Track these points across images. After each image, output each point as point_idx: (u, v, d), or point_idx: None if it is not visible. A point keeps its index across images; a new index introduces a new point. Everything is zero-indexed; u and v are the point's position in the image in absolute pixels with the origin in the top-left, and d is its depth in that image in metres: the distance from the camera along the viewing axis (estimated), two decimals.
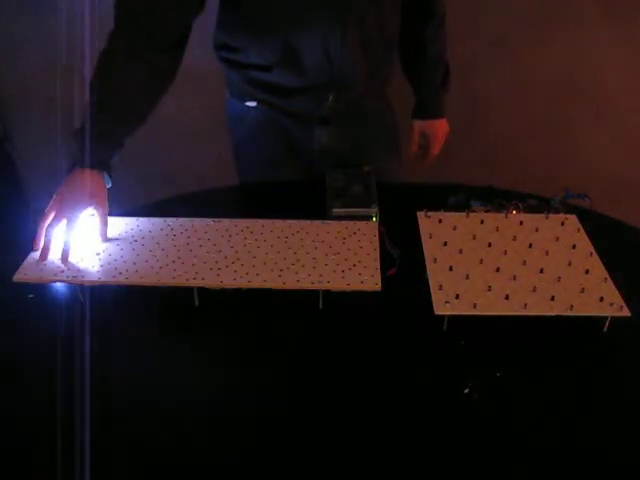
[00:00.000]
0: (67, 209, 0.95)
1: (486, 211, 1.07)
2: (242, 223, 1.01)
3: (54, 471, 0.70)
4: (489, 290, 0.87)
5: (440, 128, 1.37)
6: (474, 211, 1.07)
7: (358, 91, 1.18)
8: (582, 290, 0.87)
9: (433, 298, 0.86)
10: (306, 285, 0.88)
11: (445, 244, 0.97)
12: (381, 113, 1.30)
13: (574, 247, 0.97)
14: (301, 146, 1.24)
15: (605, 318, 0.85)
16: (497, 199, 1.10)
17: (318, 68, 1.11)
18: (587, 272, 0.91)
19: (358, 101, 1.21)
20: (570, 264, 0.93)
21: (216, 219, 1.02)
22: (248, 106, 1.22)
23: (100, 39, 1.84)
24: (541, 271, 0.91)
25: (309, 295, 0.89)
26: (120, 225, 1.01)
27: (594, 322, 0.86)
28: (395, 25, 1.18)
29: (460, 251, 0.95)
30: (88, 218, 0.98)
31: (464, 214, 1.04)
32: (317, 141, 1.23)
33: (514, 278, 0.89)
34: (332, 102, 1.16)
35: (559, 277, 0.90)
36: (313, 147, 1.23)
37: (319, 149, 1.23)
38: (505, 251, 0.95)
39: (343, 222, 1.02)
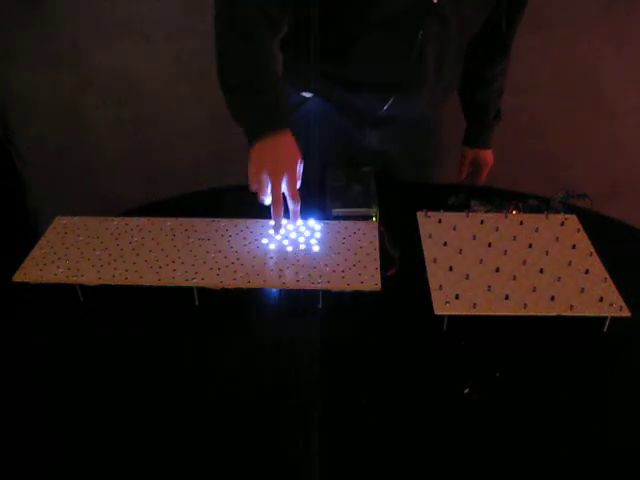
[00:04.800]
0: (286, 165, 0.93)
1: (486, 211, 1.07)
2: (242, 223, 1.01)
3: (55, 468, 0.70)
4: (489, 290, 0.87)
5: (490, 157, 1.42)
6: (474, 211, 1.07)
7: (419, 99, 1.17)
8: (582, 290, 0.87)
9: (433, 298, 0.86)
10: (306, 285, 0.88)
11: (445, 244, 0.97)
12: (431, 126, 1.31)
13: (574, 247, 0.97)
14: (349, 145, 1.23)
15: (605, 318, 0.85)
16: (497, 199, 1.10)
17: (394, 66, 1.10)
18: (587, 272, 0.91)
19: (415, 111, 1.20)
20: (570, 264, 0.93)
21: (216, 219, 1.02)
22: (304, 96, 1.21)
23: (99, 39, 1.84)
24: (541, 271, 0.91)
25: (309, 295, 0.89)
26: (120, 225, 1.01)
27: (594, 322, 0.86)
28: (465, 46, 1.18)
29: (460, 251, 0.95)
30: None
31: (464, 214, 1.04)
32: (367, 142, 1.23)
33: (514, 278, 0.89)
34: (392, 104, 1.15)
35: (559, 277, 0.90)
36: (362, 147, 1.23)
37: (367, 150, 1.23)
38: (505, 251, 0.95)
39: (343, 222, 1.02)
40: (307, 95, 1.21)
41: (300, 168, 0.96)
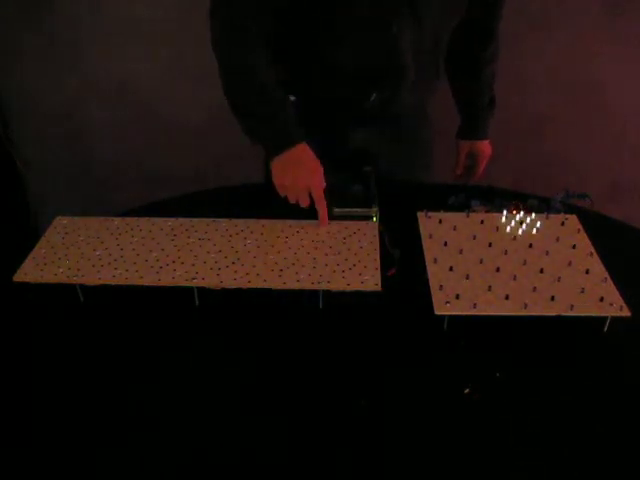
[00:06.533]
0: (314, 178, 1.01)
1: (486, 211, 1.07)
2: (242, 223, 1.01)
3: (54, 468, 0.70)
4: (489, 290, 0.87)
5: (487, 149, 1.39)
6: (474, 211, 1.07)
7: (401, 95, 1.17)
8: (582, 290, 0.87)
9: (433, 298, 0.86)
10: (306, 285, 0.88)
11: (445, 244, 0.97)
12: (417, 124, 1.31)
13: (574, 247, 0.97)
14: (334, 145, 1.22)
15: (605, 318, 0.86)
16: (497, 199, 1.10)
17: (371, 60, 1.11)
18: (587, 272, 0.91)
19: (398, 105, 1.20)
20: (570, 264, 0.93)
21: (216, 219, 1.02)
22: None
23: (99, 39, 1.83)
24: (541, 271, 0.91)
25: (309, 295, 0.89)
26: (120, 225, 1.01)
27: (594, 322, 0.86)
28: (445, 39, 1.18)
29: (460, 251, 0.95)
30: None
31: (464, 214, 1.04)
32: (351, 141, 1.23)
33: (514, 278, 0.89)
34: (373, 102, 1.15)
35: (559, 277, 0.90)
36: (346, 147, 1.23)
37: (351, 150, 1.23)
38: (505, 251, 0.95)
39: (343, 222, 1.02)
40: (290, 99, 1.21)
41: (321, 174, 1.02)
